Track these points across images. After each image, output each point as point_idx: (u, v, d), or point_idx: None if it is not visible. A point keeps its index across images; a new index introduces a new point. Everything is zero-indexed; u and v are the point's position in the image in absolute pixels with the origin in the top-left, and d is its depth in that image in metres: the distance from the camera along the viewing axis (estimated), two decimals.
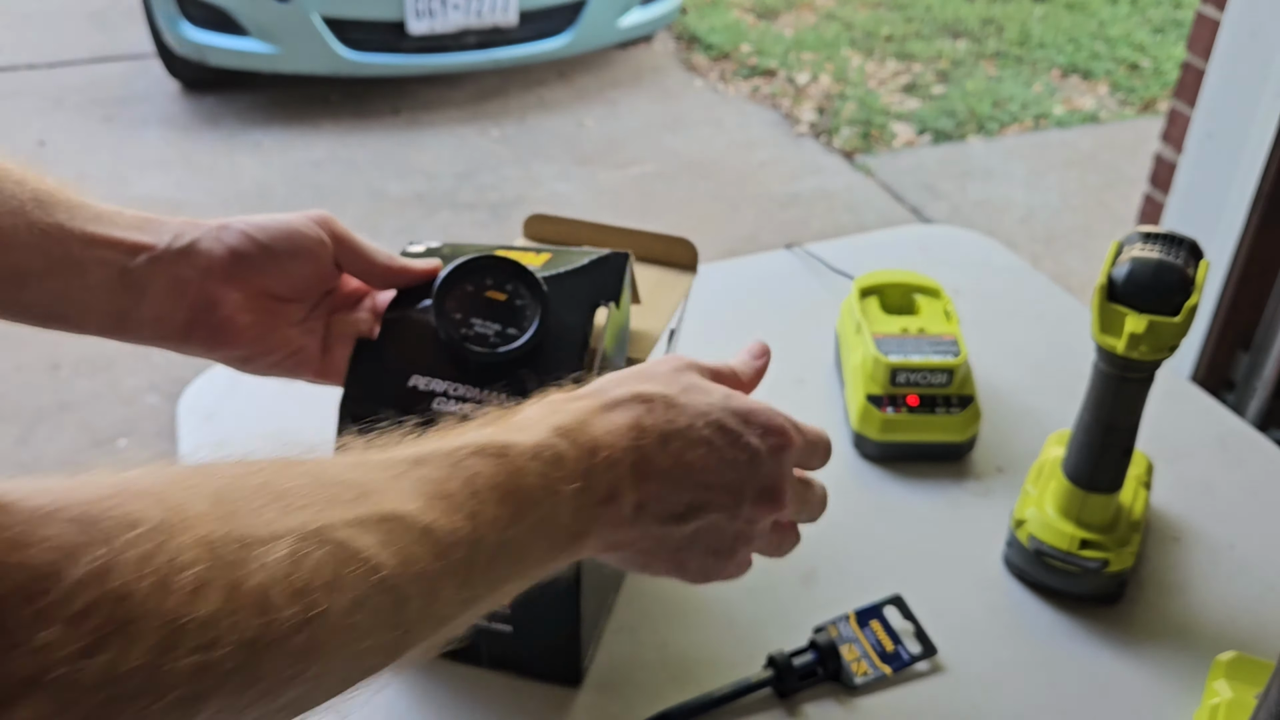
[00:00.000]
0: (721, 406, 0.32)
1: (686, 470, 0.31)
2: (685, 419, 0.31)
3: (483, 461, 0.26)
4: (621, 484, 0.29)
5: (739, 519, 0.32)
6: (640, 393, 0.31)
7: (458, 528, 0.24)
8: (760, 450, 0.32)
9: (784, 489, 0.33)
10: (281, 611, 0.20)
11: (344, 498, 0.23)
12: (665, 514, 0.31)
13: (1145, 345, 0.41)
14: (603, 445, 0.29)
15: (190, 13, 2.31)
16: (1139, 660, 0.45)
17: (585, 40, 2.56)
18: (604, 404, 0.31)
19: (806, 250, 0.74)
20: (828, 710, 0.42)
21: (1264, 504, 0.53)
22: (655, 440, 0.30)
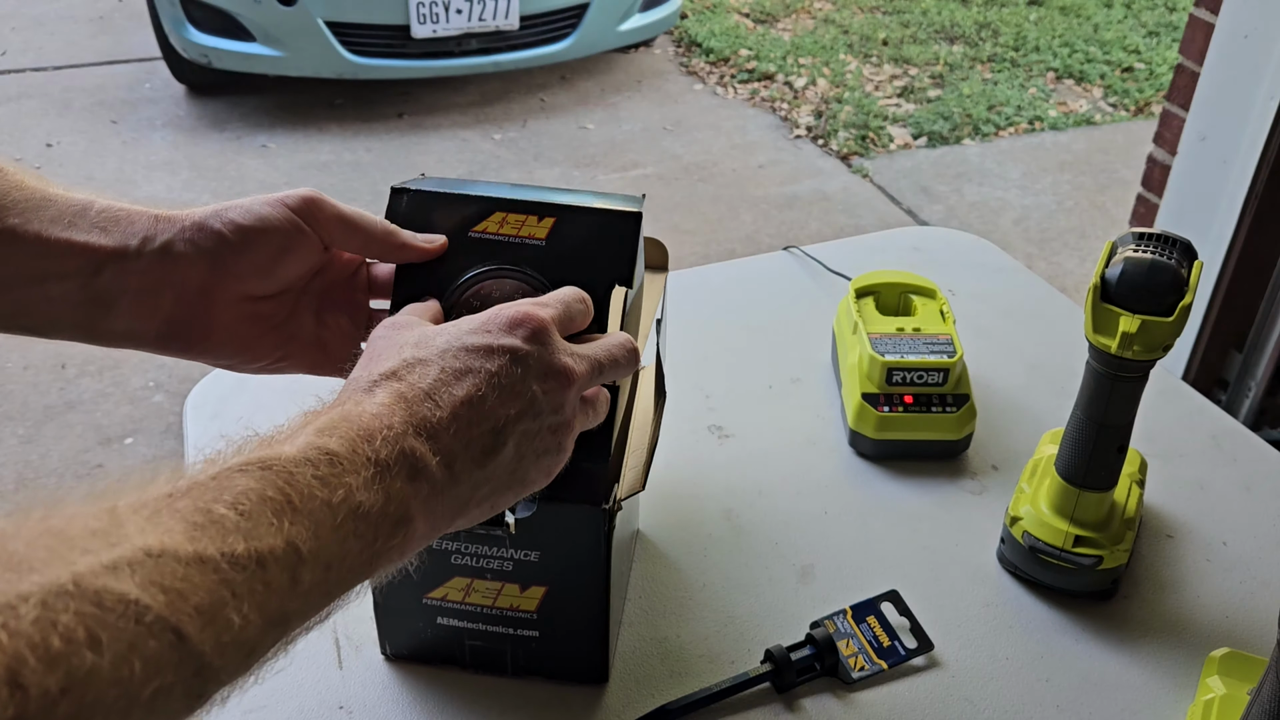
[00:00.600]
0: (458, 333, 0.32)
1: (466, 405, 0.30)
2: (434, 367, 0.30)
3: (247, 479, 0.25)
4: (417, 453, 0.28)
5: (543, 411, 0.32)
6: (383, 371, 0.30)
7: (234, 550, 0.23)
8: (516, 345, 0.31)
9: (563, 362, 0.32)
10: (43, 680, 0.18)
11: (94, 546, 0.21)
12: (478, 454, 0.30)
13: (1138, 345, 0.41)
14: (376, 428, 0.28)
15: (195, 17, 2.31)
16: (1133, 656, 0.45)
17: (586, 45, 2.57)
18: (355, 400, 0.30)
19: (804, 251, 0.75)
20: (825, 704, 0.43)
21: (1256, 502, 0.54)
22: (422, 399, 0.29)
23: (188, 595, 0.21)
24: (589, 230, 0.37)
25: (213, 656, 0.22)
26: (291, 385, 0.63)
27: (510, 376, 0.31)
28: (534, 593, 0.40)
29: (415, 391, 0.30)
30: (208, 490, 0.24)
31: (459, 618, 0.41)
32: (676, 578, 0.48)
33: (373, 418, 0.28)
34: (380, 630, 0.43)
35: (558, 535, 0.38)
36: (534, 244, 0.37)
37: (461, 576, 0.40)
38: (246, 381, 0.62)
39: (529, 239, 0.37)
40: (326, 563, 0.25)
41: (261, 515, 0.24)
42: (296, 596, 0.25)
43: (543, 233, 0.37)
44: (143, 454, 1.50)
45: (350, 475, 0.27)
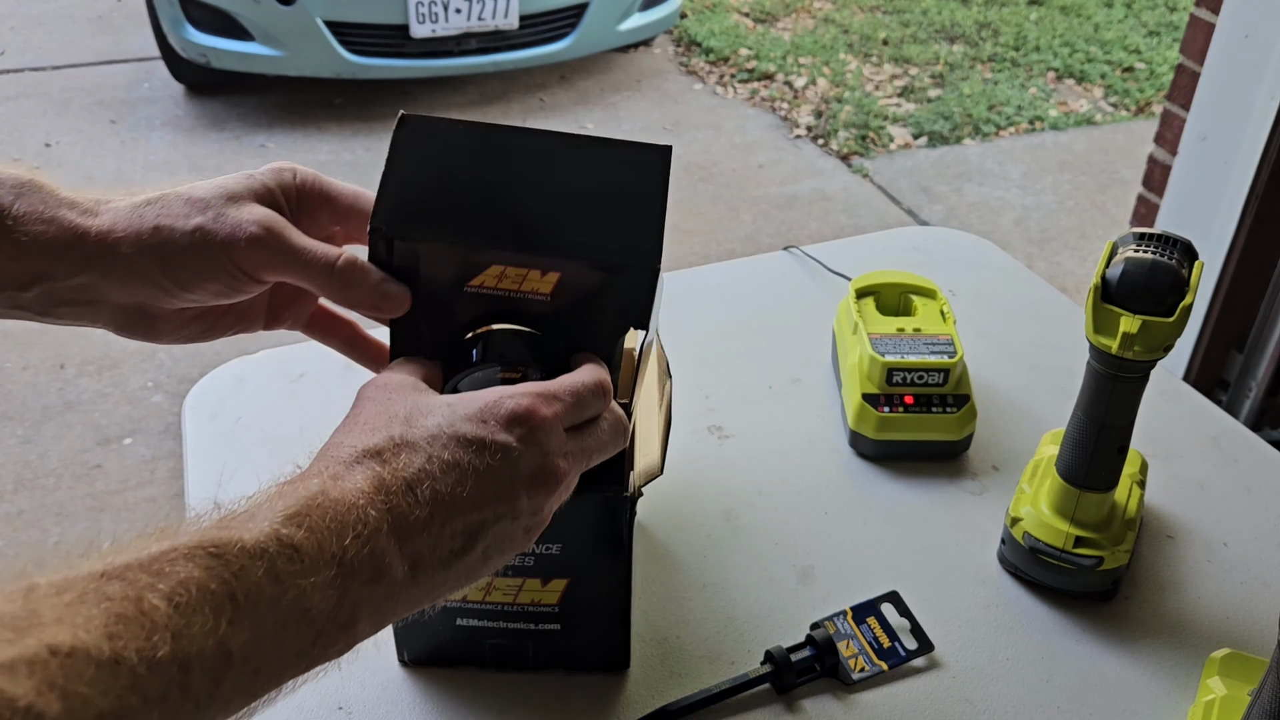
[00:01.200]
0: (451, 419, 0.29)
1: (446, 506, 0.28)
2: (421, 455, 0.28)
3: (192, 566, 0.23)
4: (385, 553, 0.26)
5: (523, 514, 0.30)
6: (368, 447, 0.28)
7: (156, 652, 0.21)
8: (511, 444, 0.29)
9: (556, 466, 0.30)
10: None
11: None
12: (444, 555, 0.28)
13: (1139, 345, 0.41)
14: (350, 521, 0.26)
15: (194, 16, 2.31)
16: (1134, 657, 0.45)
17: (586, 44, 2.57)
18: (333, 475, 0.27)
19: (804, 251, 0.75)
20: (825, 706, 0.43)
21: (1257, 502, 0.54)
22: (403, 491, 0.27)
23: (92, 701, 0.20)
24: (597, 286, 0.33)
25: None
26: (292, 386, 0.63)
27: (498, 478, 0.29)
28: (556, 585, 0.40)
29: (397, 481, 0.28)
30: (145, 573, 0.22)
31: (479, 617, 0.41)
32: (676, 578, 0.48)
33: (348, 509, 0.26)
34: (397, 638, 0.43)
35: (580, 527, 0.38)
36: (538, 299, 0.33)
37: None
38: (246, 381, 0.62)
39: (532, 294, 0.33)
40: (256, 667, 0.24)
41: (198, 612, 0.22)
42: (215, 702, 0.23)
43: (547, 288, 0.33)
44: (141, 455, 1.50)
45: (308, 576, 0.25)
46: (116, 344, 1.70)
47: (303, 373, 0.62)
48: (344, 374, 0.63)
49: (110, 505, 1.41)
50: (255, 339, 0.53)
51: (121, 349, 1.69)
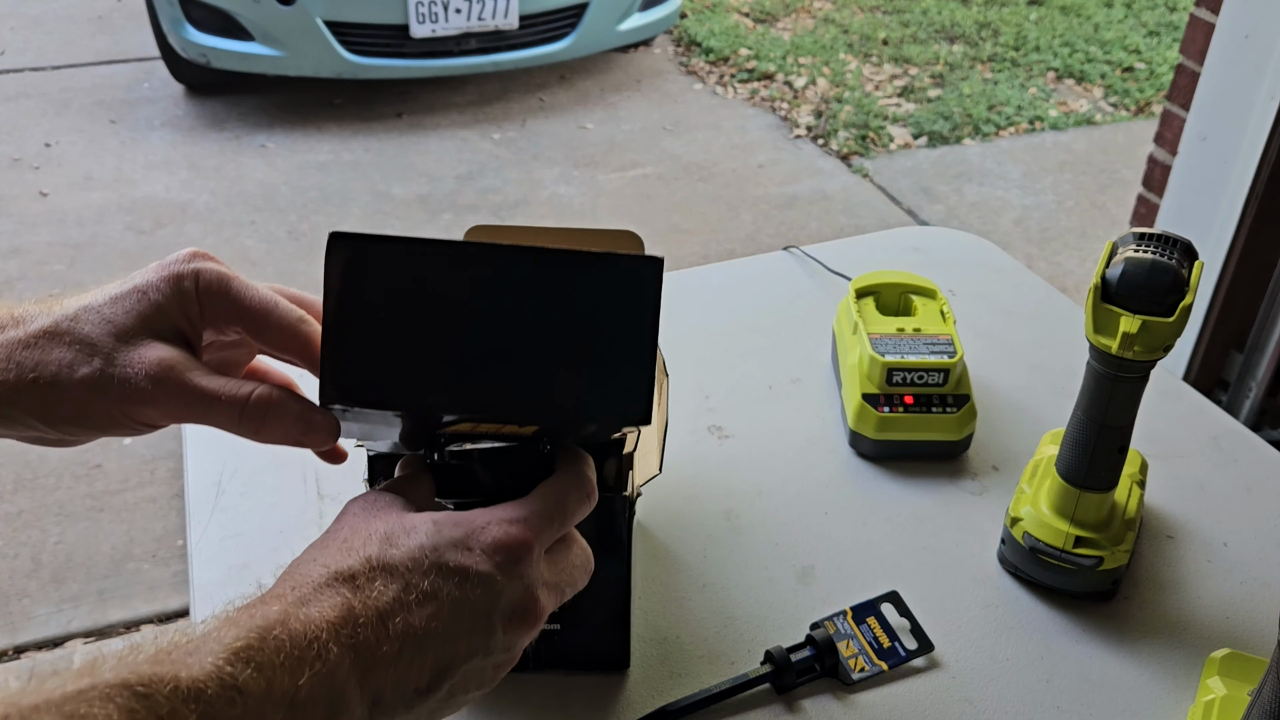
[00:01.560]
0: (434, 543, 0.27)
1: (419, 640, 0.26)
2: (398, 583, 0.26)
3: (111, 709, 0.20)
4: (344, 691, 0.24)
5: (494, 652, 0.28)
6: (341, 569, 0.26)
7: None
8: (495, 575, 0.27)
9: (536, 599, 0.28)
10: None
11: None
12: (408, 694, 0.26)
13: (1139, 345, 0.41)
14: (308, 657, 0.24)
15: (194, 16, 2.31)
16: (1133, 657, 0.45)
17: (585, 44, 2.57)
18: (298, 600, 0.25)
19: (804, 251, 0.75)
20: (825, 705, 0.43)
21: (1257, 502, 0.54)
22: (373, 623, 0.25)
23: None
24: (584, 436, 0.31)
25: None
26: None
27: (476, 613, 0.27)
28: None
29: (368, 611, 0.25)
30: (54, 716, 0.20)
31: None
32: (676, 578, 0.48)
33: (309, 643, 0.24)
34: None
35: (579, 527, 0.37)
36: (521, 436, 0.31)
37: None
38: None
39: (513, 434, 0.31)
40: None
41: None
42: None
43: (527, 432, 0.30)
44: (141, 455, 1.50)
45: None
46: None
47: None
48: None
49: (110, 505, 1.41)
50: None
51: None
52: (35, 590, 1.28)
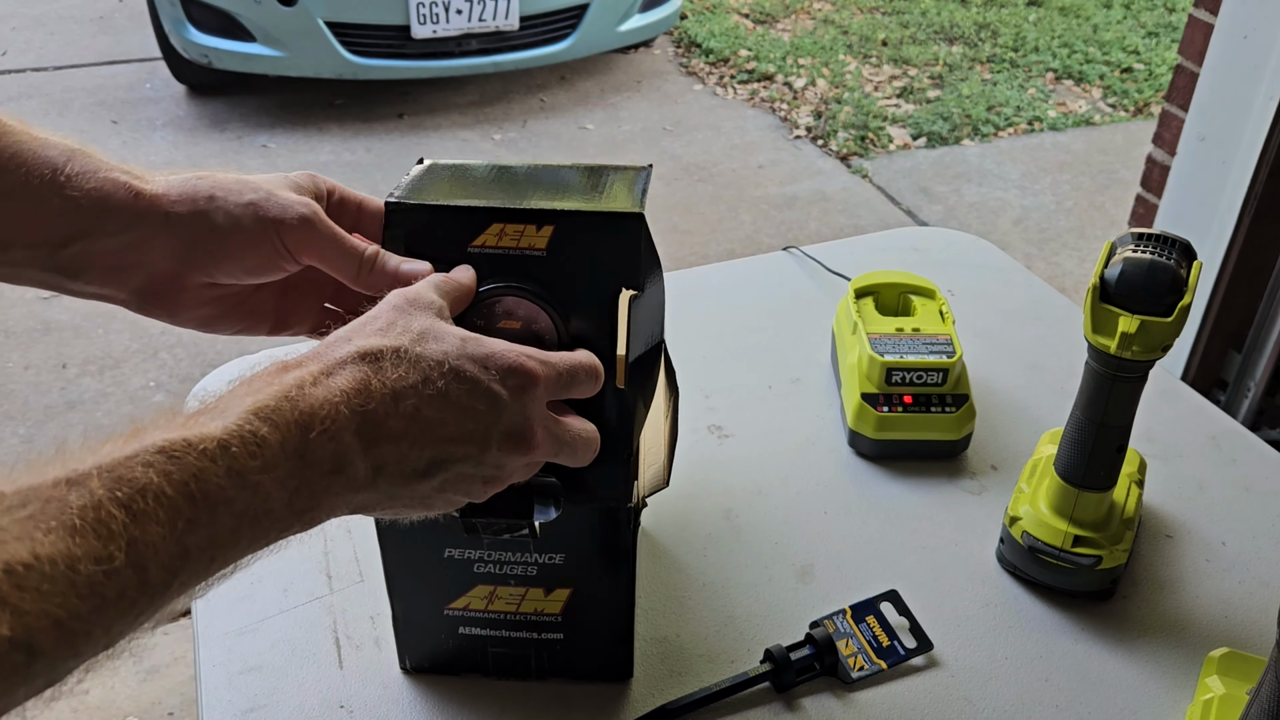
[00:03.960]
0: (458, 353, 0.30)
1: (424, 426, 0.29)
2: (418, 373, 0.29)
3: (152, 472, 0.24)
4: (349, 453, 0.27)
5: (485, 465, 0.31)
6: (368, 349, 0.29)
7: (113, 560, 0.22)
8: (501, 394, 0.30)
9: (533, 430, 0.31)
10: None
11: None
12: (407, 471, 0.29)
13: (1137, 345, 0.41)
14: (317, 418, 0.27)
15: (196, 17, 2.32)
16: (1132, 656, 0.45)
17: (586, 45, 2.57)
18: (322, 369, 0.28)
19: (803, 251, 0.75)
20: (824, 704, 0.43)
21: (1255, 502, 0.54)
22: (385, 400, 0.28)
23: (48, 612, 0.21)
24: (589, 236, 0.36)
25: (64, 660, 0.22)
26: None
27: (478, 422, 0.30)
28: (559, 595, 0.40)
29: (384, 387, 0.29)
30: (106, 479, 0.23)
31: (482, 626, 0.41)
32: (676, 577, 0.48)
33: (321, 404, 0.27)
34: (399, 645, 0.43)
35: (583, 536, 0.38)
36: (535, 255, 0.36)
37: (485, 585, 0.40)
38: None
39: (529, 250, 0.36)
40: (212, 556, 0.25)
41: (153, 519, 0.23)
42: (170, 590, 0.24)
43: (542, 243, 0.36)
44: None
45: (269, 471, 0.26)
46: (118, 344, 1.70)
47: None
48: None
49: None
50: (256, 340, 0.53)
51: (123, 349, 1.69)
52: None
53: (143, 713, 1.10)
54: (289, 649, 0.44)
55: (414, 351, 0.30)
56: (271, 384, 0.28)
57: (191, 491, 0.24)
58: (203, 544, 0.25)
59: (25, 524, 0.22)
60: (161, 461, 0.24)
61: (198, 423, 0.26)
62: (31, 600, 0.21)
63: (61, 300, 1.74)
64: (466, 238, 0.36)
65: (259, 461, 0.26)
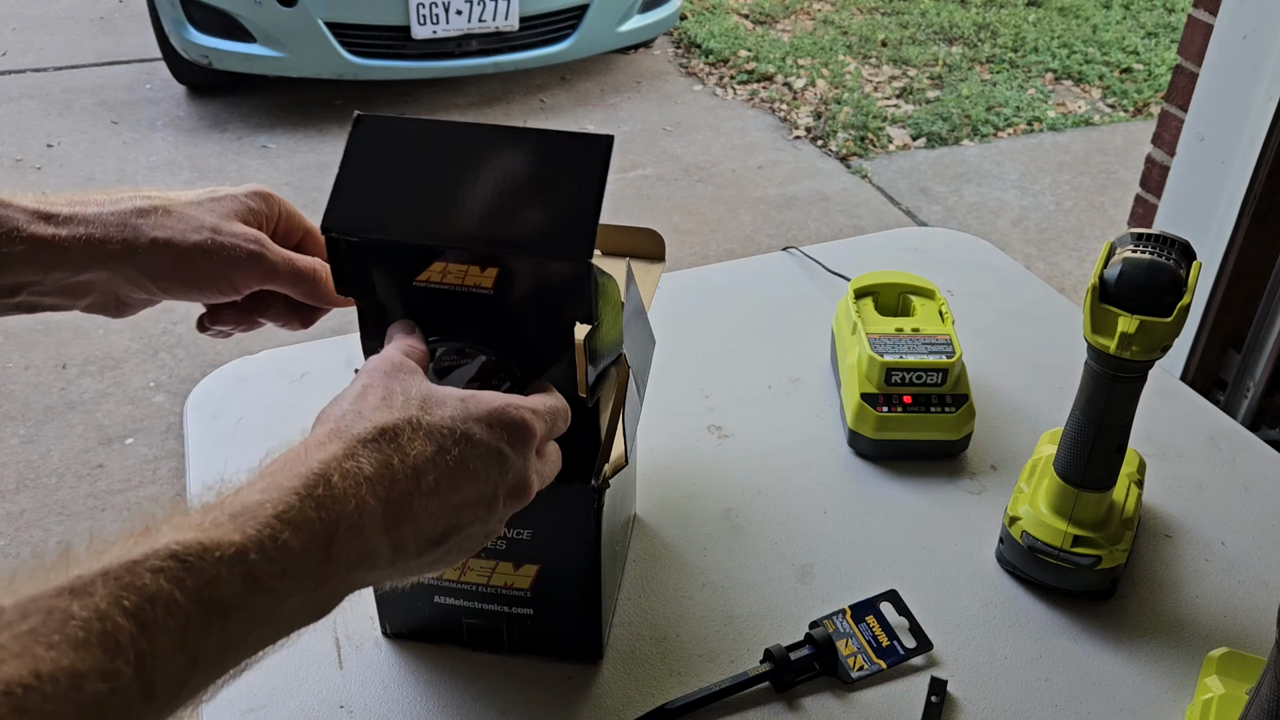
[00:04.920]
0: (464, 416, 0.30)
1: (443, 499, 0.29)
2: (435, 444, 0.29)
3: (162, 578, 0.23)
4: (375, 543, 0.27)
5: (491, 522, 0.31)
6: (385, 425, 0.29)
7: (119, 676, 0.21)
8: (509, 455, 0.31)
9: (531, 482, 0.32)
10: None
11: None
12: (423, 545, 0.29)
13: (1137, 345, 0.41)
14: (344, 516, 0.26)
15: (196, 17, 2.32)
16: (1132, 656, 0.45)
17: (586, 46, 2.57)
18: (346, 452, 0.27)
19: (803, 252, 0.75)
20: (824, 704, 0.43)
21: (1255, 502, 0.54)
22: (408, 479, 0.28)
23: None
24: (534, 280, 0.34)
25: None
26: (293, 386, 0.63)
27: (489, 482, 0.30)
28: (528, 571, 0.41)
29: (405, 465, 0.28)
30: (113, 587, 0.22)
31: (455, 596, 0.42)
32: (676, 577, 0.48)
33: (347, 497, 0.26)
34: (380, 609, 0.44)
35: (549, 514, 0.39)
36: (482, 293, 0.35)
37: None
38: (248, 381, 0.62)
39: (475, 288, 0.34)
40: (223, 663, 0.24)
41: (163, 630, 0.22)
42: (178, 698, 0.23)
43: (488, 282, 0.34)
44: (143, 454, 1.50)
45: (290, 576, 0.25)
46: (118, 344, 1.70)
47: (304, 373, 0.63)
48: (344, 374, 0.63)
49: (112, 505, 1.41)
50: (257, 340, 0.53)
51: (123, 349, 1.69)
52: None
53: None
54: (289, 649, 0.44)
55: (426, 421, 0.29)
56: (294, 476, 0.27)
57: (204, 599, 0.23)
58: (213, 652, 0.24)
59: (26, 639, 0.20)
60: (174, 568, 0.23)
61: (215, 524, 0.25)
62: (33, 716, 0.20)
63: None
64: (410, 273, 0.35)
65: (279, 568, 0.25)
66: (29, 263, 0.33)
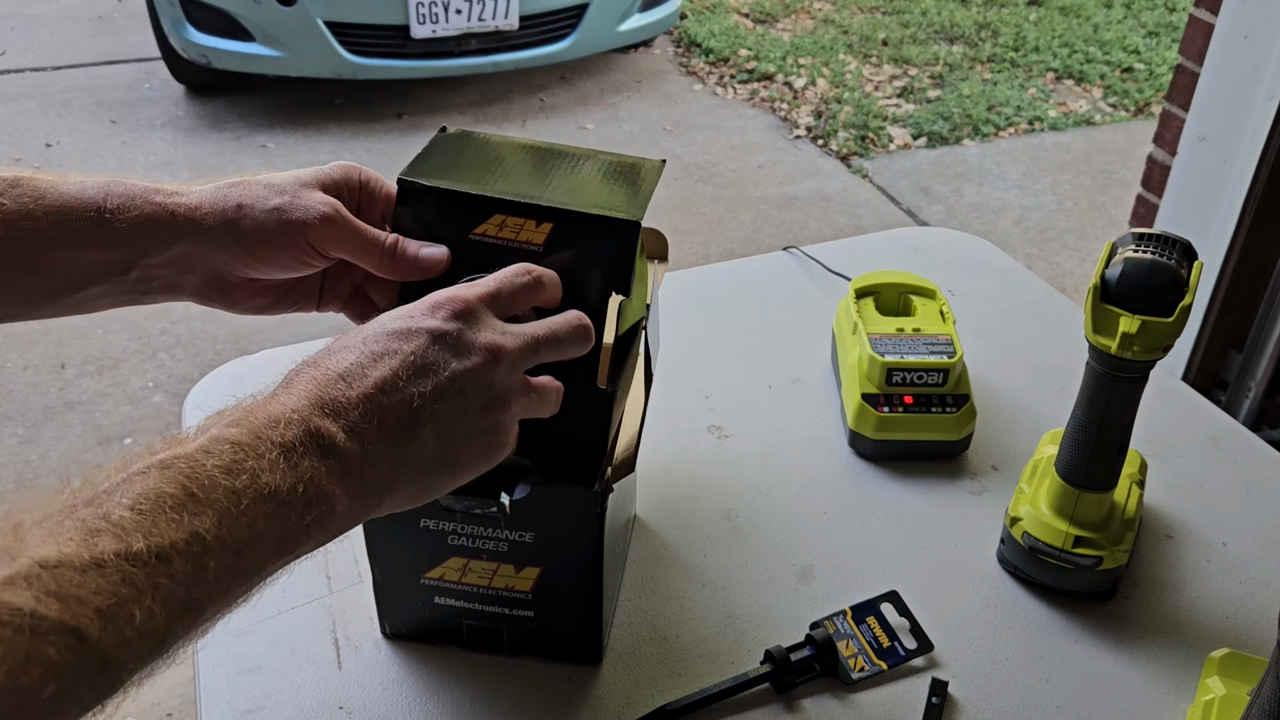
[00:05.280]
0: (383, 319, 0.32)
1: (378, 386, 0.30)
2: (353, 352, 0.31)
3: (147, 479, 0.25)
4: (323, 432, 0.29)
5: (467, 390, 0.32)
6: (305, 362, 0.31)
7: (130, 548, 0.24)
8: (436, 326, 0.32)
9: (488, 339, 0.32)
10: None
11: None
12: (393, 433, 0.30)
13: (1138, 345, 0.41)
14: (281, 414, 0.28)
15: (195, 17, 2.32)
16: (1133, 657, 0.45)
17: (585, 45, 2.57)
18: (276, 389, 0.30)
19: (804, 251, 0.75)
20: (824, 705, 0.43)
21: (1256, 502, 0.54)
22: (333, 382, 0.30)
23: (86, 600, 0.22)
24: (585, 238, 0.37)
25: (116, 651, 0.23)
26: None
27: (426, 356, 0.31)
28: (529, 573, 0.41)
29: (328, 375, 0.30)
30: (109, 496, 0.25)
31: (456, 597, 0.42)
32: (676, 578, 0.48)
33: (280, 405, 0.29)
34: (379, 609, 0.44)
35: (551, 517, 0.39)
36: (532, 249, 0.38)
37: (458, 557, 0.41)
38: (246, 381, 0.62)
39: (527, 244, 0.38)
40: (235, 548, 0.26)
41: (159, 512, 0.25)
42: (204, 584, 0.25)
43: (540, 238, 0.38)
44: None
45: (253, 460, 0.27)
46: (117, 344, 1.70)
47: None
48: None
49: None
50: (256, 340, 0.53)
51: (122, 349, 1.69)
52: None
53: (141, 713, 1.10)
54: (288, 650, 0.44)
55: (345, 341, 0.32)
56: (237, 406, 0.29)
57: (189, 488, 0.26)
58: (218, 532, 0.25)
59: (46, 535, 0.23)
60: (154, 471, 0.26)
61: (174, 445, 0.27)
62: (69, 588, 0.22)
63: None
64: (469, 224, 0.38)
65: (241, 454, 0.27)
66: (141, 230, 0.35)
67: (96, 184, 0.35)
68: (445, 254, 0.38)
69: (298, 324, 1.52)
